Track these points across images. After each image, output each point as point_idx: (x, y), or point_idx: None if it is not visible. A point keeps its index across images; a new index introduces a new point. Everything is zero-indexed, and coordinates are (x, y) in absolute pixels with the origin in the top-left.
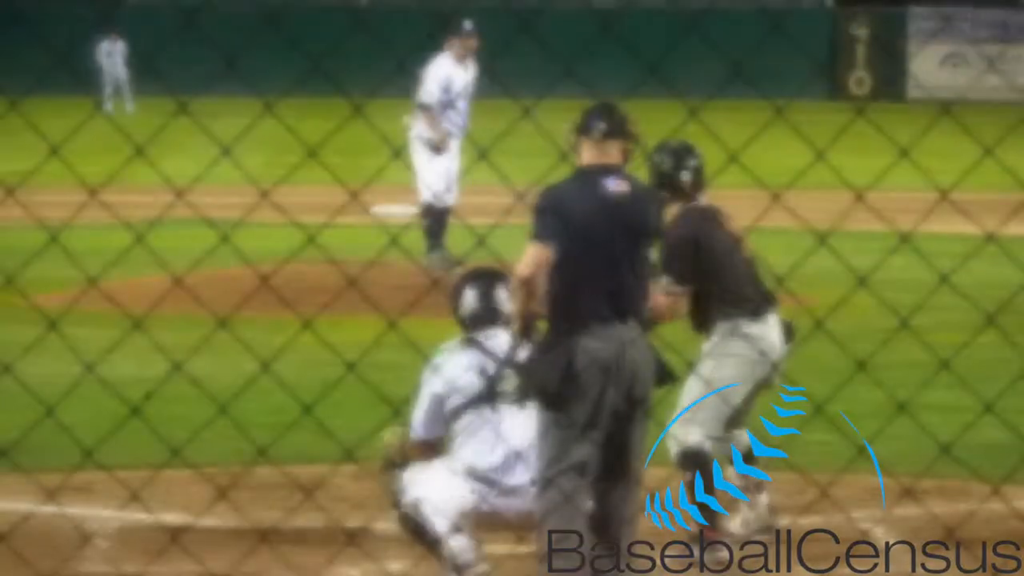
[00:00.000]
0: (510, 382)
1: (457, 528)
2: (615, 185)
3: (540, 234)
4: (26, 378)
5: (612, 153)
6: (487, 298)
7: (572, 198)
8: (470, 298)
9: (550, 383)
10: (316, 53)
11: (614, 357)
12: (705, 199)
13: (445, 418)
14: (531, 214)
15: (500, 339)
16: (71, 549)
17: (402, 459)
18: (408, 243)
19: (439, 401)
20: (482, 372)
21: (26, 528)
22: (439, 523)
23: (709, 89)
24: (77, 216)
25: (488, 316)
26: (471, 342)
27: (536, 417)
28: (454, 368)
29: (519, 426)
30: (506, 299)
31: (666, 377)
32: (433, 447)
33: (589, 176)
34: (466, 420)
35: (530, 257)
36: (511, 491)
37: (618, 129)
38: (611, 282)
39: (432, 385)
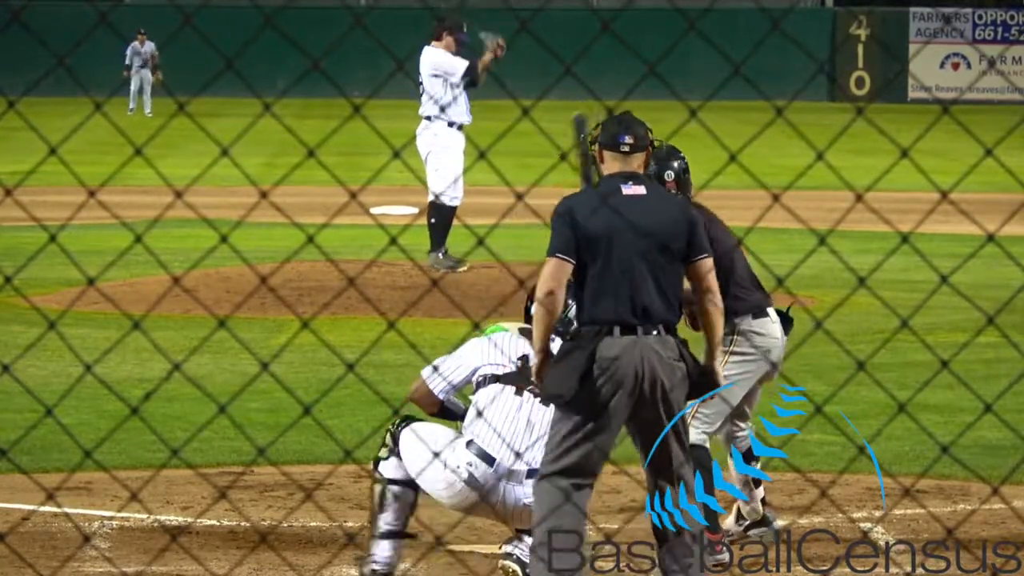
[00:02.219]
0: None
1: (392, 533)
2: (634, 190)
3: (555, 248)
4: (26, 378)
5: (634, 164)
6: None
7: (588, 207)
8: None
9: (565, 390)
10: (316, 53)
11: (632, 366)
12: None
13: (461, 387)
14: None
15: (554, 342)
16: (71, 549)
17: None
18: (408, 243)
19: (471, 370)
20: (522, 358)
21: (26, 528)
22: (387, 517)
23: (709, 89)
24: (76, 216)
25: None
26: (526, 332)
27: (552, 417)
28: (505, 346)
29: (537, 415)
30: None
31: (705, 387)
32: (432, 400)
33: (610, 184)
34: (487, 394)
35: (548, 273)
36: (506, 474)
37: (642, 143)
38: (631, 290)
39: (475, 350)
